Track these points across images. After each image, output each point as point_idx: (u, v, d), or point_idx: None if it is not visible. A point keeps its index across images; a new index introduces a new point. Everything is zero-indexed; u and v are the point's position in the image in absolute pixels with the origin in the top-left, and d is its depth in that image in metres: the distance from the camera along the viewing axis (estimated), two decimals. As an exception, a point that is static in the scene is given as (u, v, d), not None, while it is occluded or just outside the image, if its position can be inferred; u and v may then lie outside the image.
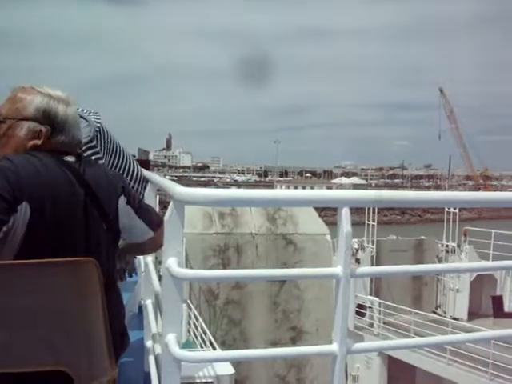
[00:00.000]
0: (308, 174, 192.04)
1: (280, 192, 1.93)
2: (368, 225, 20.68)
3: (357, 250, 20.52)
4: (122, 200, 2.62)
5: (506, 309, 19.19)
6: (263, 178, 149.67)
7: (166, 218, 1.91)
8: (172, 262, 1.89)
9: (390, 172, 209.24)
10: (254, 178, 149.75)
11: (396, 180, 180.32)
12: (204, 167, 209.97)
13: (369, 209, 20.84)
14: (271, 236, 17.12)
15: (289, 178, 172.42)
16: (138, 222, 2.71)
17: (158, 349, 2.85)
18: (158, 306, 3.23)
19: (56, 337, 2.12)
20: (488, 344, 14.01)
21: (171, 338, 1.92)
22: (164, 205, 2.93)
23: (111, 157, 4.25)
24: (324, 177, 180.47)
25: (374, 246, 20.55)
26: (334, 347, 1.96)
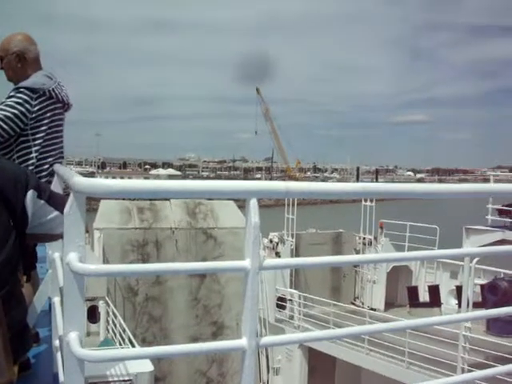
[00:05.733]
0: (147, 166, 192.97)
1: (186, 183, 1.87)
2: (288, 218, 20.83)
3: (277, 244, 20.63)
4: (32, 194, 2.54)
5: (421, 299, 19.77)
6: (101, 170, 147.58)
7: (65, 210, 1.81)
8: (73, 257, 1.80)
9: (230, 164, 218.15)
10: (92, 169, 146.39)
11: (233, 172, 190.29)
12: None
13: (288, 202, 20.99)
14: (191, 230, 17.00)
15: (128, 170, 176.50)
16: (55, 213, 2.65)
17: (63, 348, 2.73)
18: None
19: None
20: (404, 333, 14.39)
21: (73, 337, 1.83)
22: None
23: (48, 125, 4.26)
24: (165, 169, 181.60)
25: (294, 240, 20.71)
26: (243, 342, 1.92)
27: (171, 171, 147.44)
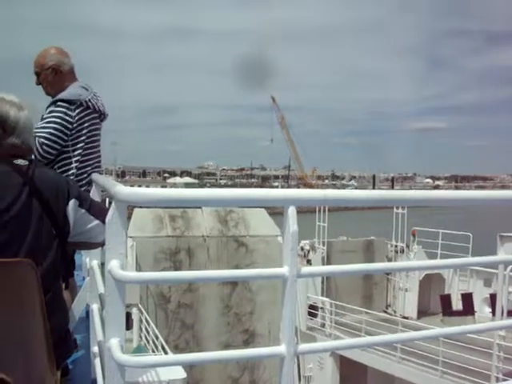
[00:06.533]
0: (166, 174, 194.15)
1: (225, 191, 1.90)
2: (319, 226, 20.79)
3: (308, 252, 20.61)
4: (74, 203, 2.61)
5: (454, 307, 19.55)
6: (120, 179, 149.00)
7: (107, 219, 1.85)
8: (114, 265, 1.83)
9: (249, 172, 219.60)
10: (111, 178, 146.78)
11: (251, 180, 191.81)
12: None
13: (319, 210, 20.93)
14: (223, 238, 17.04)
15: (147, 179, 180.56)
16: (95, 222, 2.71)
17: (103, 354, 2.78)
18: (103, 310, 3.16)
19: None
20: (437, 342, 14.23)
21: (114, 343, 1.86)
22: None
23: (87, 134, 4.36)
24: (182, 177, 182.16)
25: (325, 247, 20.66)
26: (281, 348, 1.93)
27: (188, 179, 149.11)
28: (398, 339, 2.62)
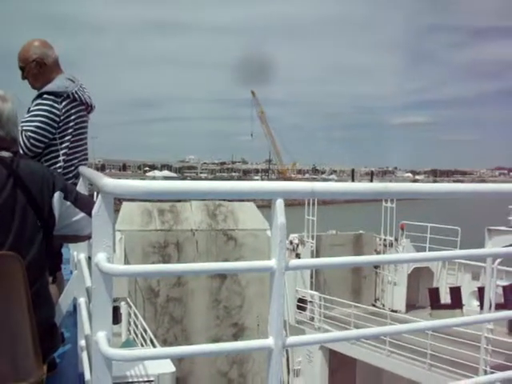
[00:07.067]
0: (147, 168, 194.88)
1: (213, 184, 1.88)
2: (308, 220, 20.80)
3: (297, 245, 20.62)
4: (59, 195, 2.59)
5: (442, 300, 19.63)
6: (100, 172, 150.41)
7: (93, 211, 1.83)
8: (101, 258, 1.82)
9: (230, 166, 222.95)
10: None
11: (232, 173, 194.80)
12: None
13: (308, 204, 20.93)
14: (212, 232, 17.04)
15: (128, 172, 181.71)
16: (81, 215, 2.70)
17: (90, 348, 2.76)
18: (90, 303, 3.15)
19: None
20: (425, 335, 14.30)
21: (101, 336, 1.84)
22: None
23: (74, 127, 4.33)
24: (162, 171, 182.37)
25: (314, 241, 20.68)
26: (269, 341, 1.93)
27: (166, 173, 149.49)
28: (386, 332, 2.61)
